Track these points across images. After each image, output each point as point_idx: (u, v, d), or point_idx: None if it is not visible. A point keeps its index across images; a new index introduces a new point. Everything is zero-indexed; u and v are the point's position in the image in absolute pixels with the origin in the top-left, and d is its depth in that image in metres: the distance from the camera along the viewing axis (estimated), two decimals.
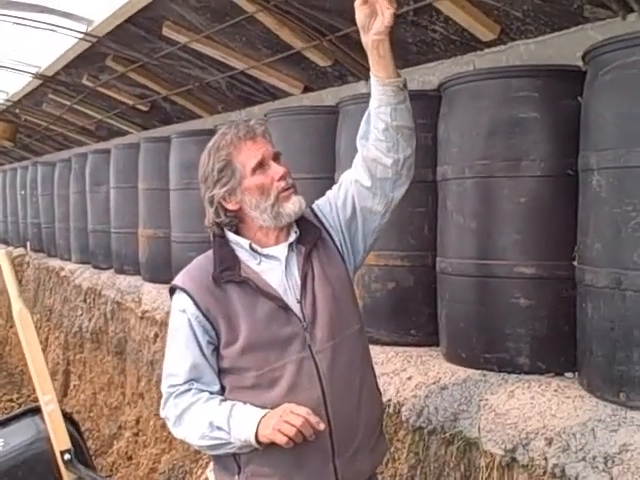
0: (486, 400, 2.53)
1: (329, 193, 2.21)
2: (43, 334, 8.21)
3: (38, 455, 2.77)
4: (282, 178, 2.02)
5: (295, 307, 1.99)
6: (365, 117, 2.08)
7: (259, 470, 1.96)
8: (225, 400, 1.97)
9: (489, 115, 2.74)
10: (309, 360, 1.96)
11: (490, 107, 2.74)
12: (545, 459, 2.18)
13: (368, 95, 2.05)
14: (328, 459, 1.96)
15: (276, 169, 2.02)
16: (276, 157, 2.05)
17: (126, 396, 5.98)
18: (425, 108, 3.11)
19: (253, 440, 1.87)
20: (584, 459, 2.08)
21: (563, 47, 3.23)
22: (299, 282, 2.02)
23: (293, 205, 2.02)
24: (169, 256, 5.45)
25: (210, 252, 2.09)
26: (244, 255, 2.05)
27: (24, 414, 3.01)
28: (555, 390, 2.48)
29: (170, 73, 6.22)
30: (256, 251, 2.04)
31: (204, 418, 1.94)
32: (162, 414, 2.07)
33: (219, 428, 1.91)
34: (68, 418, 2.94)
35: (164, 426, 5.01)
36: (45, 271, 9.08)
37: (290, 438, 1.82)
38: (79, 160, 7.77)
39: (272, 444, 1.87)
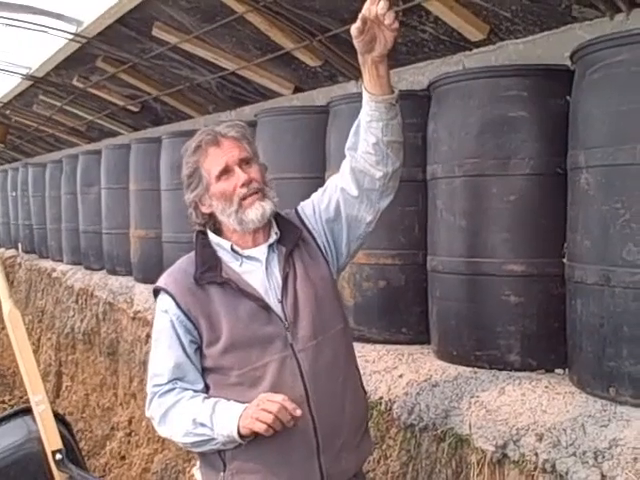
0: (477, 397, 2.54)
1: (314, 196, 2.23)
2: (35, 335, 8.20)
3: (30, 455, 2.76)
4: (244, 185, 2.02)
5: (276, 307, 2.01)
6: (354, 129, 2.09)
7: (244, 466, 1.97)
8: (209, 398, 1.99)
9: (478, 114, 2.75)
10: (291, 359, 1.98)
11: (479, 106, 2.75)
12: (536, 455, 2.19)
13: (358, 95, 2.06)
14: (313, 455, 1.98)
15: (239, 176, 2.02)
16: (243, 162, 2.05)
17: (118, 397, 5.97)
18: (415, 108, 3.13)
19: (235, 434, 1.89)
20: (574, 454, 2.09)
21: (552, 47, 3.25)
22: (280, 282, 2.03)
23: (256, 211, 2.02)
24: (161, 256, 5.43)
25: (193, 253, 2.10)
26: (226, 256, 2.07)
27: (15, 415, 2.99)
28: (545, 386, 2.49)
29: (160, 74, 6.22)
30: (237, 252, 2.06)
31: (187, 415, 1.95)
32: (147, 414, 2.09)
33: (202, 424, 1.93)
34: (59, 418, 2.93)
35: None
36: (37, 272, 9.06)
37: (269, 425, 1.84)
38: (70, 161, 7.77)
39: (256, 439, 1.90)
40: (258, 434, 1.88)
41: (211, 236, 2.11)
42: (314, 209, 2.18)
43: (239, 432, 1.89)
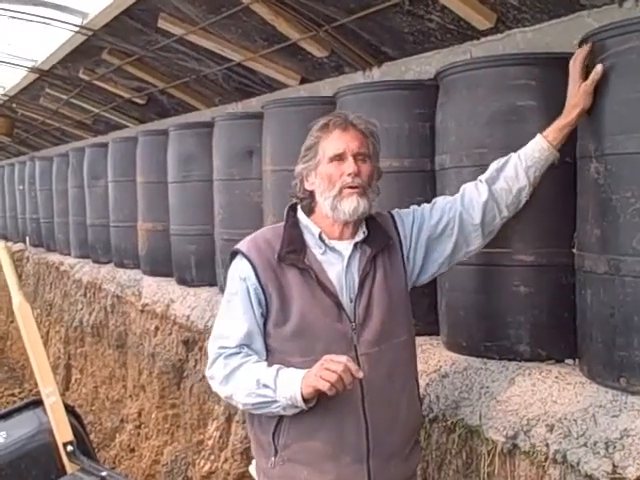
0: (487, 388, 2.53)
1: (417, 207, 2.29)
2: (44, 329, 8.22)
3: (41, 447, 2.78)
4: (350, 175, 2.06)
5: (347, 306, 2.05)
6: (500, 164, 2.24)
7: (295, 456, 2.02)
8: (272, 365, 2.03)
9: (486, 104, 2.73)
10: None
11: (487, 96, 2.73)
12: (546, 445, 2.19)
13: (365, 85, 2.06)
14: (363, 458, 2.02)
15: (349, 164, 2.07)
16: (359, 156, 2.09)
17: (127, 389, 5.99)
18: (422, 98, 3.12)
19: (298, 395, 1.92)
20: (585, 445, 2.08)
21: (560, 35, 3.23)
22: (357, 282, 2.07)
23: (351, 204, 2.06)
24: (168, 249, 5.45)
25: (279, 227, 2.15)
26: (311, 240, 2.11)
27: (26, 406, 3.01)
28: (556, 377, 2.48)
29: (166, 66, 6.21)
30: (323, 241, 2.10)
31: (252, 376, 1.99)
32: (207, 373, 2.13)
33: (266, 386, 1.96)
34: (70, 410, 2.94)
35: (166, 418, 5.02)
36: (45, 266, 9.08)
37: (332, 384, 1.86)
38: (77, 154, 7.77)
39: (312, 428, 1.97)
40: (320, 397, 1.91)
41: (301, 217, 2.15)
42: (414, 219, 2.24)
43: (302, 394, 1.92)
